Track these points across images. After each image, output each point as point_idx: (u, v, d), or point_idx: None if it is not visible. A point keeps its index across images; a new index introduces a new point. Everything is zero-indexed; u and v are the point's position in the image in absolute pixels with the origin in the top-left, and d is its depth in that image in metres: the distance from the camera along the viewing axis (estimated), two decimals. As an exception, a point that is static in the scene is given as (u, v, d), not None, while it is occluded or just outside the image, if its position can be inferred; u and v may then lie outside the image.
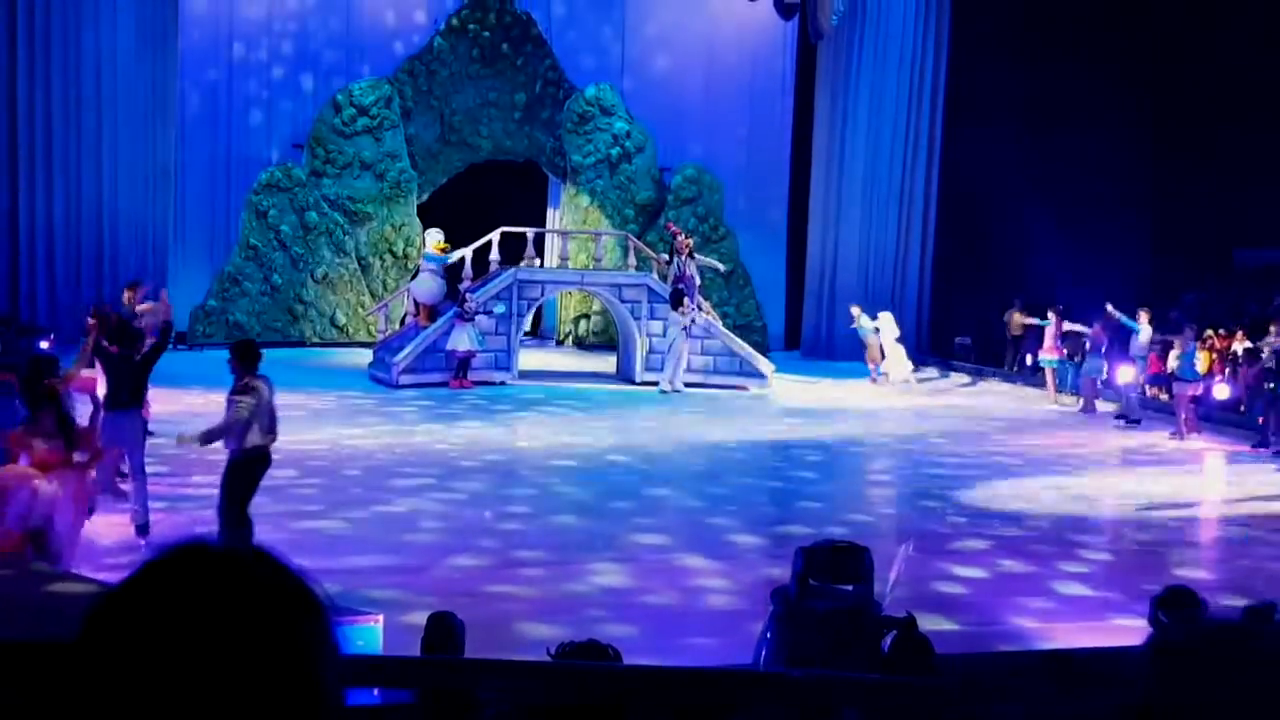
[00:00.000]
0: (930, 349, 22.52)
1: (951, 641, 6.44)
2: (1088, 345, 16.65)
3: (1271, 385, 14.36)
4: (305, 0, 20.78)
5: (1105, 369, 16.56)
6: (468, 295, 16.58)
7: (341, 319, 20.44)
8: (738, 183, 22.64)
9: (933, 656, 4.66)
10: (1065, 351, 17.64)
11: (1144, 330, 16.21)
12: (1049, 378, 17.53)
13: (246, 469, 7.39)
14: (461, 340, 16.31)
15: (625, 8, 22.40)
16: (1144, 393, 16.40)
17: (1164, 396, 16.44)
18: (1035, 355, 18.32)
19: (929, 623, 6.93)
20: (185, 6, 19.46)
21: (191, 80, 20.04)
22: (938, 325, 22.64)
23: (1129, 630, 6.72)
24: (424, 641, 4.66)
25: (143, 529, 8.12)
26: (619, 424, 14.12)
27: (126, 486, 8.52)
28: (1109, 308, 16.29)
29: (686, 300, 16.98)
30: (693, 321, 16.91)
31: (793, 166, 23.32)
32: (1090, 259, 20.01)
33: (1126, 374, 15.63)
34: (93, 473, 7.29)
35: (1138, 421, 15.35)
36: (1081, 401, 16.70)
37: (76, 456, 6.86)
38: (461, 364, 16.40)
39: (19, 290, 18.22)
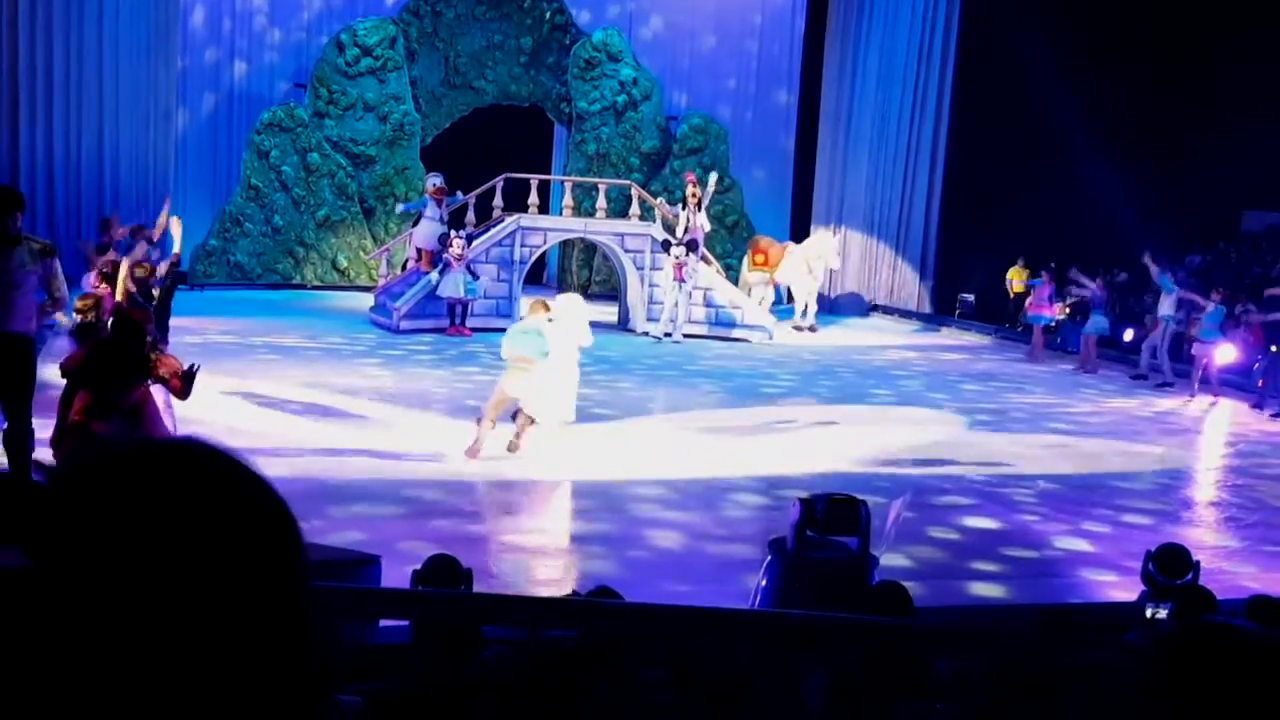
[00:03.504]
0: (935, 306, 22.53)
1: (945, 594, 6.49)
2: (1089, 302, 16.65)
3: (1275, 348, 14.37)
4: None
5: (1107, 327, 16.57)
6: (454, 239, 16.46)
7: (343, 262, 20.37)
8: (744, 134, 22.48)
9: (910, 606, 4.70)
10: (1058, 309, 17.69)
11: (1174, 291, 15.86)
12: (1036, 335, 17.53)
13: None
14: (450, 286, 16.24)
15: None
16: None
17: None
18: (1026, 312, 18.40)
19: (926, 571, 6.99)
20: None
21: (194, 18, 19.79)
22: (943, 282, 22.62)
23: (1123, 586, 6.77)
24: (424, 586, 4.68)
25: None
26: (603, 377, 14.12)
27: None
28: (1147, 258, 16.13)
29: (673, 248, 16.97)
30: (680, 274, 16.86)
31: (800, 119, 23.14)
32: (1097, 218, 19.93)
33: (1227, 354, 14.71)
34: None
35: (1170, 384, 15.35)
36: (1081, 360, 16.73)
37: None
38: (453, 310, 16.34)
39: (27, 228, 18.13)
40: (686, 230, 17.55)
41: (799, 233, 22.92)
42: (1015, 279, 20.44)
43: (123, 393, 6.35)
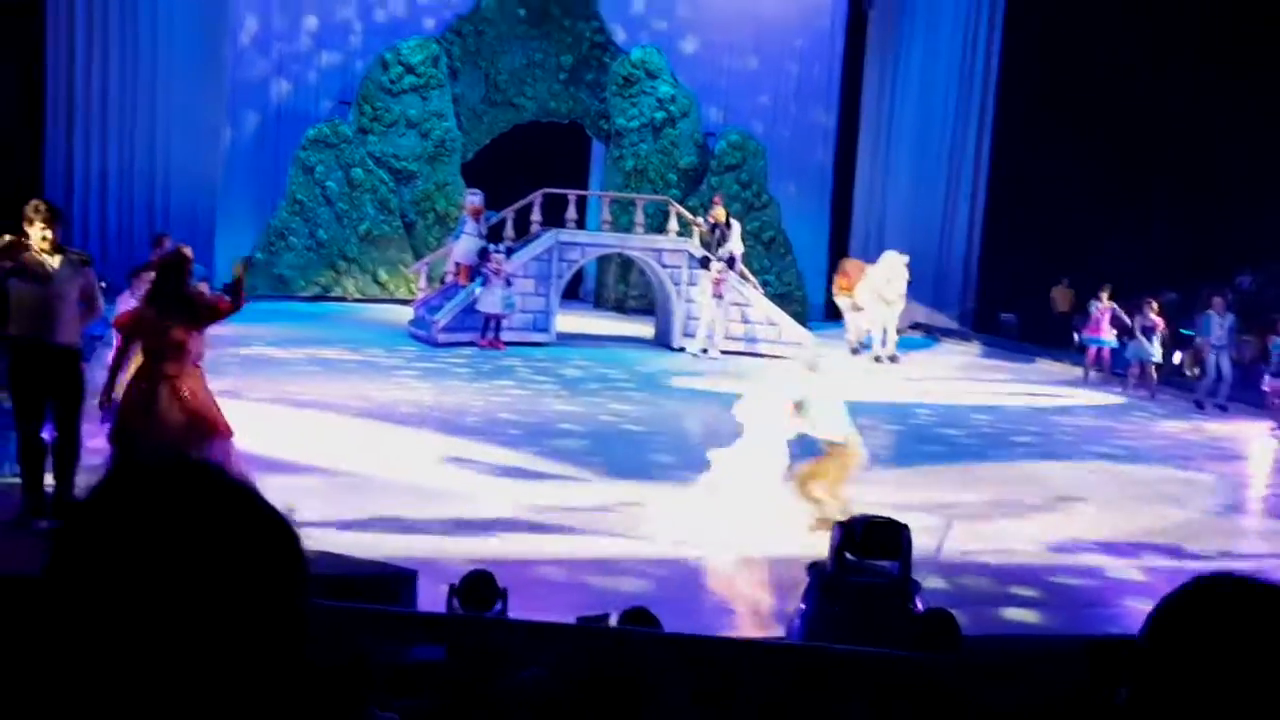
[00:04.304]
0: (975, 325, 22.29)
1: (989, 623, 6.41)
2: (1138, 328, 16.24)
3: None
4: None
5: (1157, 354, 16.19)
6: (491, 254, 16.57)
7: (383, 275, 20.52)
8: (781, 150, 22.42)
9: (959, 636, 4.64)
10: (1115, 332, 17.31)
11: (1223, 319, 15.47)
12: (1090, 355, 17.26)
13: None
14: (489, 301, 16.32)
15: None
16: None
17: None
18: (1081, 333, 18.01)
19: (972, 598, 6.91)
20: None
21: (242, 37, 20.06)
22: (985, 301, 22.38)
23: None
24: (461, 599, 4.69)
25: None
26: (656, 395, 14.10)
27: None
28: (1217, 303, 15.58)
29: (714, 264, 17.01)
30: (719, 289, 16.83)
31: (839, 135, 23.07)
32: (1143, 233, 19.65)
33: None
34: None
35: (1224, 408, 15.10)
36: (1131, 382, 16.38)
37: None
38: (489, 323, 16.41)
39: (73, 244, 18.43)
40: (719, 245, 17.64)
41: (837, 250, 22.83)
42: (1061, 298, 20.17)
43: (169, 331, 6.53)
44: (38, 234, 6.71)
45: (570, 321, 18.37)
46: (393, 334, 16.90)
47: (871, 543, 5.19)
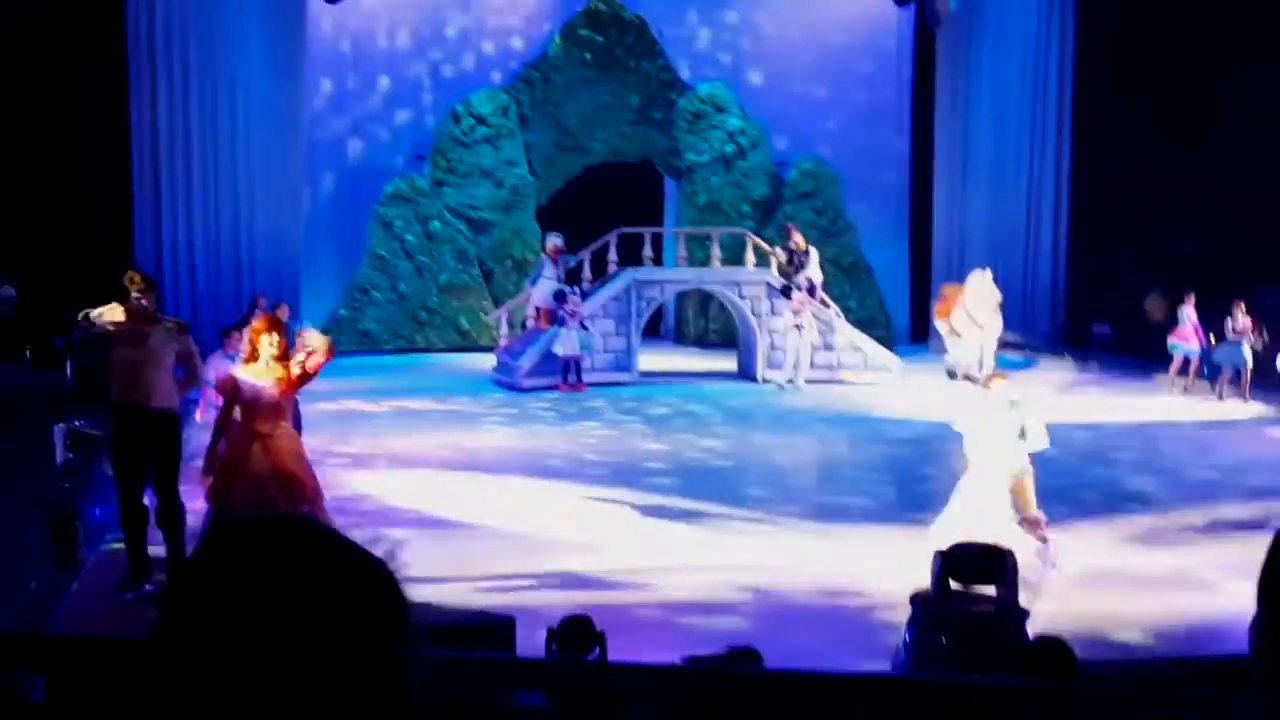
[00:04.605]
0: (1067, 339, 21.74)
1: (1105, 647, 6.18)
2: (1228, 332, 15.81)
3: None
4: (423, 16, 21.14)
5: (1249, 358, 15.73)
6: (568, 296, 16.66)
7: (464, 324, 20.76)
8: (854, 175, 22.26)
9: (1074, 662, 4.47)
10: (1201, 339, 16.81)
11: None
12: (1175, 363, 16.74)
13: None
14: (565, 344, 16.38)
15: (734, 4, 22.22)
16: None
17: None
18: (1168, 341, 17.52)
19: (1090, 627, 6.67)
20: (310, 30, 19.96)
21: (317, 100, 20.58)
22: (1075, 314, 21.82)
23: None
24: (559, 644, 4.65)
25: None
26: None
27: None
28: None
29: (795, 294, 16.93)
30: (800, 319, 16.71)
31: (913, 156, 22.84)
32: (1235, 236, 19.04)
33: None
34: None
35: None
36: (1221, 388, 15.92)
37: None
38: (568, 366, 16.48)
39: (163, 309, 18.95)
40: (798, 271, 17.57)
41: (918, 272, 22.53)
42: (1155, 308, 19.63)
43: (268, 391, 6.66)
44: (134, 302, 6.91)
45: (652, 359, 18.37)
46: (477, 382, 17.05)
47: (975, 570, 5.04)
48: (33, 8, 17.33)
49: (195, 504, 7.24)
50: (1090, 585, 7.75)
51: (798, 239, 18.06)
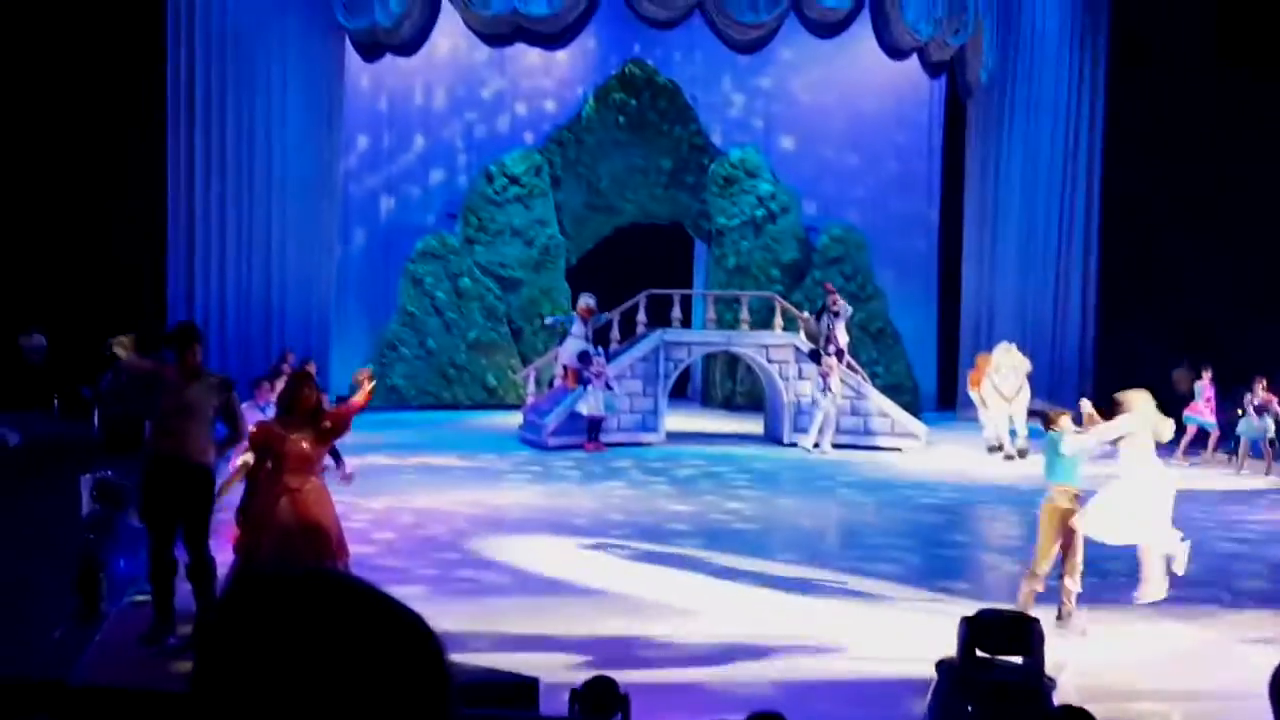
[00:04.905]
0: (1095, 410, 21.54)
1: None
2: (1249, 406, 15.80)
3: None
4: (459, 77, 21.47)
5: (1271, 431, 15.66)
6: (593, 357, 16.74)
7: (492, 381, 20.84)
8: (885, 241, 22.33)
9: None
10: (1215, 413, 16.70)
11: None
12: (1187, 434, 16.50)
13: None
14: (589, 403, 16.41)
15: (768, 71, 22.45)
16: None
17: None
18: (1183, 413, 17.36)
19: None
20: (349, 86, 20.24)
21: (352, 155, 20.87)
22: (1103, 386, 21.66)
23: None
24: (582, 706, 4.61)
25: None
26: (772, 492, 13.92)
27: None
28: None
29: (825, 357, 16.93)
30: (827, 384, 16.69)
31: (942, 223, 22.88)
32: (1264, 312, 18.95)
33: None
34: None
35: None
36: (1239, 462, 15.86)
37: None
38: (592, 426, 16.49)
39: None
40: (828, 340, 17.52)
41: (945, 339, 22.46)
42: (1182, 381, 19.51)
43: (294, 444, 6.71)
44: (182, 356, 7.00)
45: (679, 420, 18.35)
46: (503, 439, 17.07)
47: (1001, 638, 4.98)
48: (75, 58, 17.73)
49: (222, 556, 7.26)
50: (1114, 656, 7.64)
51: (838, 300, 18.01)
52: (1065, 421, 8.03)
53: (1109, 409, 8.60)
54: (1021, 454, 16.62)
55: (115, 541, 8.60)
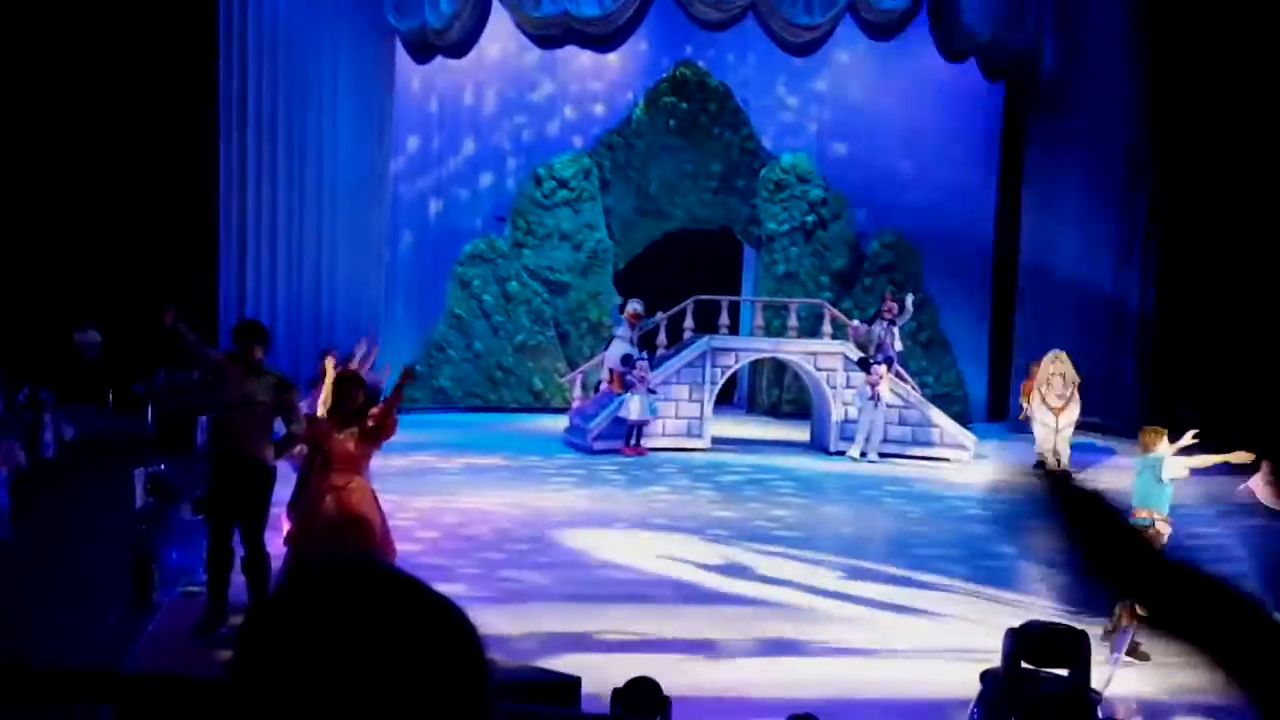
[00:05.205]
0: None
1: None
2: None
3: None
4: (509, 80, 21.54)
5: None
6: (637, 362, 16.74)
7: (538, 385, 20.91)
8: (938, 249, 22.06)
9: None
10: None
11: None
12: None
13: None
14: (632, 408, 16.41)
15: (822, 74, 22.28)
16: None
17: None
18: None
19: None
20: (400, 88, 20.40)
21: (401, 157, 21.02)
22: (1160, 395, 21.28)
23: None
24: (623, 705, 4.61)
25: None
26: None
27: None
28: None
29: (873, 366, 16.79)
30: (876, 393, 16.55)
31: (996, 232, 22.59)
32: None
33: None
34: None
35: None
36: None
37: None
38: (631, 430, 16.49)
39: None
40: (879, 348, 17.37)
41: (998, 349, 22.20)
42: None
43: (341, 443, 6.81)
44: (244, 353, 7.13)
45: (724, 427, 18.30)
46: (549, 442, 17.12)
47: (1048, 651, 4.91)
48: (131, 58, 18.02)
49: (275, 549, 7.35)
50: (1161, 671, 7.50)
51: (893, 308, 17.86)
52: (1165, 444, 7.42)
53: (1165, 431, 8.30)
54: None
55: (167, 534, 8.75)
